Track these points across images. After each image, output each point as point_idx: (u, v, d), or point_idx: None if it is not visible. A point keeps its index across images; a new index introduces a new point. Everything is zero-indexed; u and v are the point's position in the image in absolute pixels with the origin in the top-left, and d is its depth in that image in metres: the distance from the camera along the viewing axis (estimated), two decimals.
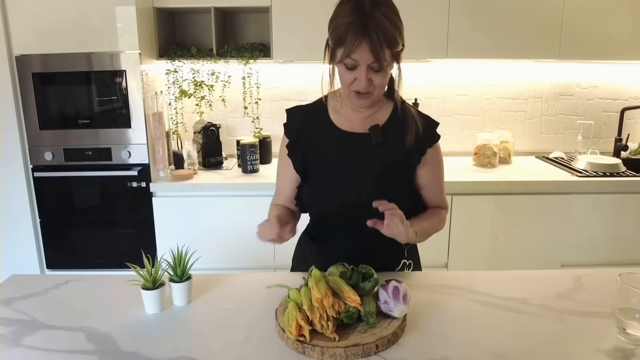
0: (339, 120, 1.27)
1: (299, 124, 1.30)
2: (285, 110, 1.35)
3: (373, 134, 1.23)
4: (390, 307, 1.01)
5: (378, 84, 1.15)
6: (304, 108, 1.33)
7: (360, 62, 1.10)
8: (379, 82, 1.14)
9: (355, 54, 1.09)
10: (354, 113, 1.25)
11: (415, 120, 1.25)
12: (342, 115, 1.27)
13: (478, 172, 2.60)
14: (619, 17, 2.48)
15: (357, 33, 1.07)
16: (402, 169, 1.25)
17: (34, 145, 2.40)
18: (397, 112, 1.26)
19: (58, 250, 2.53)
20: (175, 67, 2.56)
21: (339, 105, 1.27)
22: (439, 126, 1.29)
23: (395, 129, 1.24)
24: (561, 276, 1.29)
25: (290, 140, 1.29)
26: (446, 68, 2.86)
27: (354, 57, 1.09)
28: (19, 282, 1.29)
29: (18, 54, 2.30)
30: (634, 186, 2.41)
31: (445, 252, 2.47)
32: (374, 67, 1.11)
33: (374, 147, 1.23)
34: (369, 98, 1.18)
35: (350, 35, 1.07)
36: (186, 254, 1.15)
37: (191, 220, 2.43)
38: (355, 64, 1.11)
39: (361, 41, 1.07)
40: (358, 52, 1.08)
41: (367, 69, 1.11)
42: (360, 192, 1.22)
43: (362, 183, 1.23)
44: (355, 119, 1.26)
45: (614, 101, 2.95)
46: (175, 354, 0.95)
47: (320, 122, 1.28)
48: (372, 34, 1.06)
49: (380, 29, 1.06)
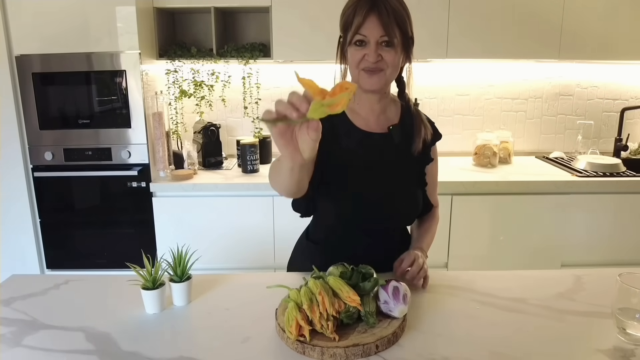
0: (356, 119, 1.26)
1: None
2: None
3: (394, 133, 1.23)
4: (390, 307, 1.01)
5: (389, 61, 1.13)
6: None
7: (370, 36, 1.10)
8: (390, 59, 1.13)
9: (364, 29, 1.10)
10: (369, 112, 1.25)
11: (425, 125, 1.26)
12: (358, 114, 1.26)
13: (478, 172, 2.60)
14: (619, 17, 2.48)
15: (365, 7, 1.09)
16: (418, 167, 1.27)
17: (34, 145, 2.40)
18: (407, 112, 1.27)
19: (58, 250, 2.53)
20: (175, 67, 2.56)
21: (355, 104, 1.26)
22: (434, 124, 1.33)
23: (408, 129, 1.26)
24: (561, 276, 1.29)
25: None
26: (446, 68, 2.86)
27: (363, 32, 1.10)
28: (19, 282, 1.28)
29: (18, 54, 2.31)
30: (634, 186, 2.41)
31: (445, 252, 2.47)
32: (384, 42, 1.11)
33: (394, 146, 1.24)
34: (380, 76, 1.15)
35: (359, 10, 1.09)
36: (186, 254, 1.15)
37: (191, 220, 2.43)
38: (364, 39, 1.11)
39: (370, 14, 1.09)
40: (367, 26, 1.09)
41: (376, 44, 1.11)
42: (382, 191, 1.23)
43: (385, 183, 1.23)
44: (370, 117, 1.25)
45: (614, 101, 2.95)
46: (175, 354, 0.95)
47: (339, 121, 1.24)
48: (381, 7, 1.08)
49: (390, 4, 1.09)
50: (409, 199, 1.26)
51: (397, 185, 1.24)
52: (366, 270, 1.10)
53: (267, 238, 2.42)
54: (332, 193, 1.23)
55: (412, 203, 1.27)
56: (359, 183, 1.23)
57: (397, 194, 1.24)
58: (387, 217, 1.25)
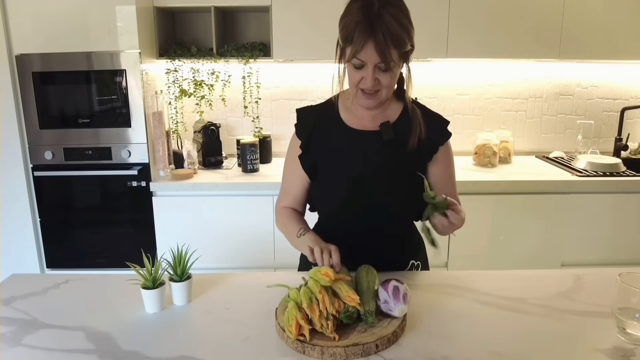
0: (350, 119, 1.27)
1: (310, 124, 1.29)
2: (295, 110, 1.34)
3: (384, 131, 1.23)
4: (390, 306, 1.01)
5: (385, 83, 1.15)
6: (315, 108, 1.33)
7: (367, 61, 1.11)
8: (386, 82, 1.15)
9: (361, 54, 1.10)
10: (365, 111, 1.26)
11: (420, 124, 1.25)
12: (353, 114, 1.27)
13: (478, 172, 2.60)
14: (619, 17, 2.47)
15: (363, 33, 1.08)
16: (413, 166, 1.26)
17: (34, 145, 2.40)
18: (407, 111, 1.27)
19: (58, 250, 2.53)
20: (175, 66, 2.56)
21: (350, 104, 1.28)
22: (449, 124, 1.31)
23: (406, 127, 1.25)
24: (561, 276, 1.29)
25: (302, 141, 1.29)
26: (446, 68, 2.86)
27: (360, 57, 1.10)
28: (19, 281, 1.29)
29: (18, 53, 2.30)
30: (634, 186, 2.41)
31: (445, 252, 2.47)
32: (381, 67, 1.12)
33: (385, 144, 1.23)
34: (376, 98, 1.18)
35: (357, 35, 1.08)
36: (186, 253, 1.15)
37: (191, 219, 2.43)
38: (362, 63, 1.12)
39: (367, 41, 1.08)
40: (364, 52, 1.09)
41: (374, 68, 1.12)
42: (372, 189, 1.23)
43: (374, 180, 1.23)
44: (366, 116, 1.26)
45: (614, 101, 2.95)
46: (175, 353, 0.95)
47: (331, 122, 1.28)
48: (379, 34, 1.07)
49: (388, 29, 1.07)
50: (399, 192, 1.24)
51: (385, 183, 1.24)
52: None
53: (267, 238, 2.42)
54: (322, 190, 1.29)
55: (400, 198, 1.25)
56: (344, 180, 1.25)
57: (385, 192, 1.24)
58: (374, 216, 1.25)
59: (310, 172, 1.29)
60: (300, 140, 1.30)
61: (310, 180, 1.30)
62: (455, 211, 1.14)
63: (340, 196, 1.25)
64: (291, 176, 1.33)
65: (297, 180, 1.32)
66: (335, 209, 1.28)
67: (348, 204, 1.25)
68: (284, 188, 1.37)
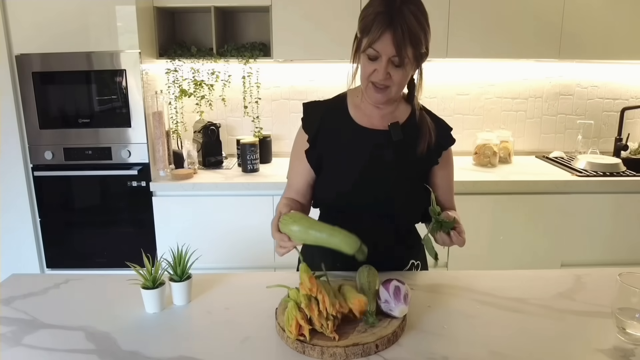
0: (359, 116, 1.27)
1: (317, 118, 1.29)
2: (302, 104, 1.33)
3: (393, 131, 1.24)
4: (390, 306, 1.01)
5: (396, 80, 1.15)
6: (322, 103, 1.33)
7: (382, 53, 1.11)
8: (398, 78, 1.15)
9: (377, 44, 1.10)
10: (374, 109, 1.26)
11: (430, 130, 1.26)
12: (362, 111, 1.27)
13: (478, 172, 2.60)
14: (619, 17, 2.47)
15: (382, 24, 1.09)
16: (419, 168, 1.27)
17: (34, 145, 2.40)
18: (414, 116, 1.27)
19: (58, 250, 2.53)
20: (175, 66, 2.56)
21: (359, 101, 1.28)
22: (451, 131, 1.33)
23: (413, 130, 1.26)
24: (561, 276, 1.29)
25: (310, 135, 1.29)
26: (446, 68, 2.86)
27: (376, 48, 1.11)
28: (19, 281, 1.28)
29: (18, 53, 2.30)
30: (634, 186, 2.41)
31: (445, 252, 2.47)
32: (395, 62, 1.12)
33: (393, 143, 1.24)
34: (386, 93, 1.18)
35: (375, 25, 1.09)
36: (186, 253, 1.15)
37: (191, 219, 2.43)
38: (376, 54, 1.12)
39: (385, 32, 1.09)
40: (381, 42, 1.10)
41: (388, 62, 1.12)
42: (375, 188, 1.23)
43: (378, 179, 1.24)
44: (375, 115, 1.26)
45: (614, 101, 2.95)
46: (175, 353, 0.95)
47: (339, 118, 1.28)
48: (397, 27, 1.08)
49: (407, 24, 1.08)
50: (403, 192, 1.25)
51: (389, 183, 1.24)
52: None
53: (267, 237, 2.38)
54: (325, 184, 1.28)
55: (407, 197, 1.25)
56: (347, 176, 1.25)
57: (388, 191, 1.24)
58: (376, 214, 1.25)
59: (316, 166, 1.28)
60: (307, 135, 1.29)
61: (315, 174, 1.30)
62: (458, 231, 1.15)
63: (343, 192, 1.25)
64: (296, 170, 1.33)
65: (302, 174, 1.31)
66: (338, 204, 1.28)
67: (351, 200, 1.25)
68: (288, 182, 1.36)
